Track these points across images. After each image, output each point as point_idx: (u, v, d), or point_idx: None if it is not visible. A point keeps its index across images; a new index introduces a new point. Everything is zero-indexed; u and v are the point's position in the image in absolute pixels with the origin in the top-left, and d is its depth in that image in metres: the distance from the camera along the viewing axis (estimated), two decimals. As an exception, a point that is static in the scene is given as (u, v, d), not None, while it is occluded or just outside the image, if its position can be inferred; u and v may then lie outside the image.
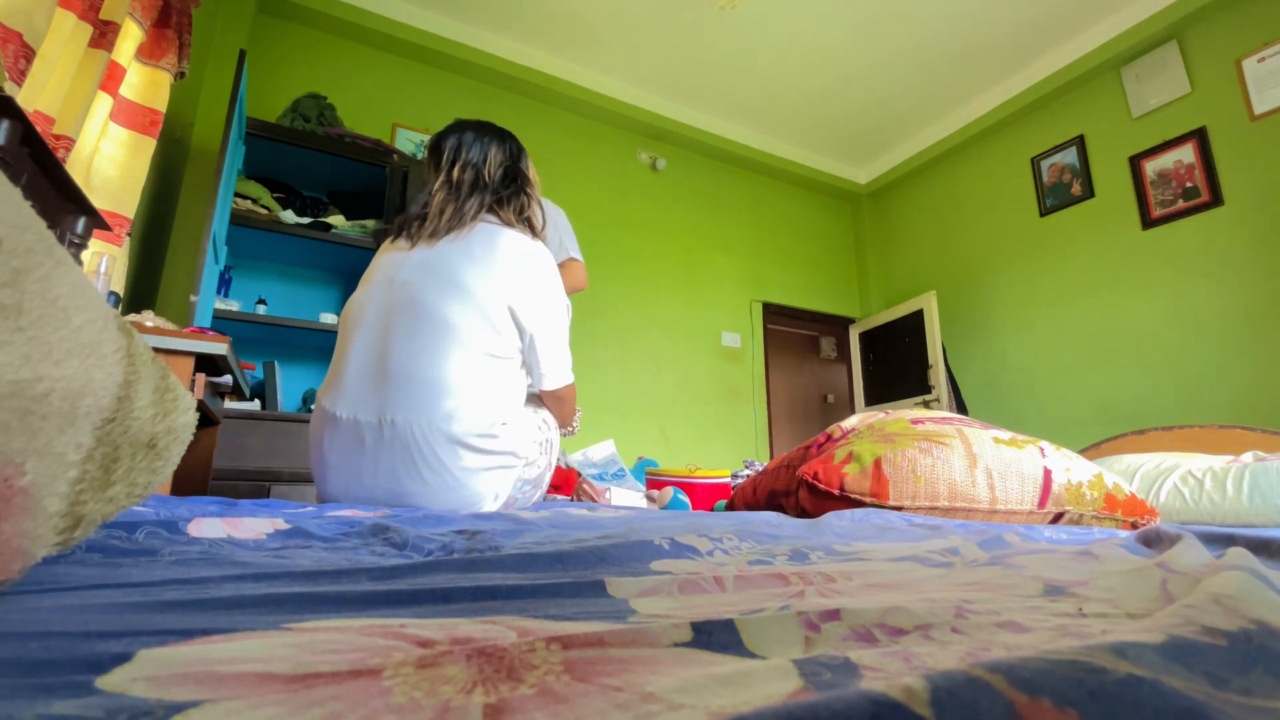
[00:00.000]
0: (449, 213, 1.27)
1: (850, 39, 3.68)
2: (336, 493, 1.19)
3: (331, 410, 1.18)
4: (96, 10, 1.64)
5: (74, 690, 0.22)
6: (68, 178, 1.25)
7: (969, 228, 4.35)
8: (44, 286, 0.33)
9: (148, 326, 1.42)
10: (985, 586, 0.45)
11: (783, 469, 1.36)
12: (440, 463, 1.13)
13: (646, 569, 0.51)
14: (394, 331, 1.17)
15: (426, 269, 1.21)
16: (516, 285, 1.22)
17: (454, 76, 3.67)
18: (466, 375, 1.15)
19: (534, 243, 1.28)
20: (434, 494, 1.14)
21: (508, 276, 1.21)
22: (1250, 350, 2.92)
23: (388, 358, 1.15)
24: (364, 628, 0.31)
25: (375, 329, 1.19)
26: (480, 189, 1.31)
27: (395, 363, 1.15)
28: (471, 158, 1.33)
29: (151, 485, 0.45)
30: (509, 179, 1.34)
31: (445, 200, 1.29)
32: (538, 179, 1.47)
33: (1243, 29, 3.09)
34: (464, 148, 1.35)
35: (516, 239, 1.25)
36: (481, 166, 1.33)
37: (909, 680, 0.18)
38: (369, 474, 1.15)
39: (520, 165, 1.38)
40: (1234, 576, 0.34)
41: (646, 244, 4.13)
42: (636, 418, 3.80)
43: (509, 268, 1.21)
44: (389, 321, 1.18)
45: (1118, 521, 1.15)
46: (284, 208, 2.76)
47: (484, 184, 1.32)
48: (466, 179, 1.31)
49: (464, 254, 1.22)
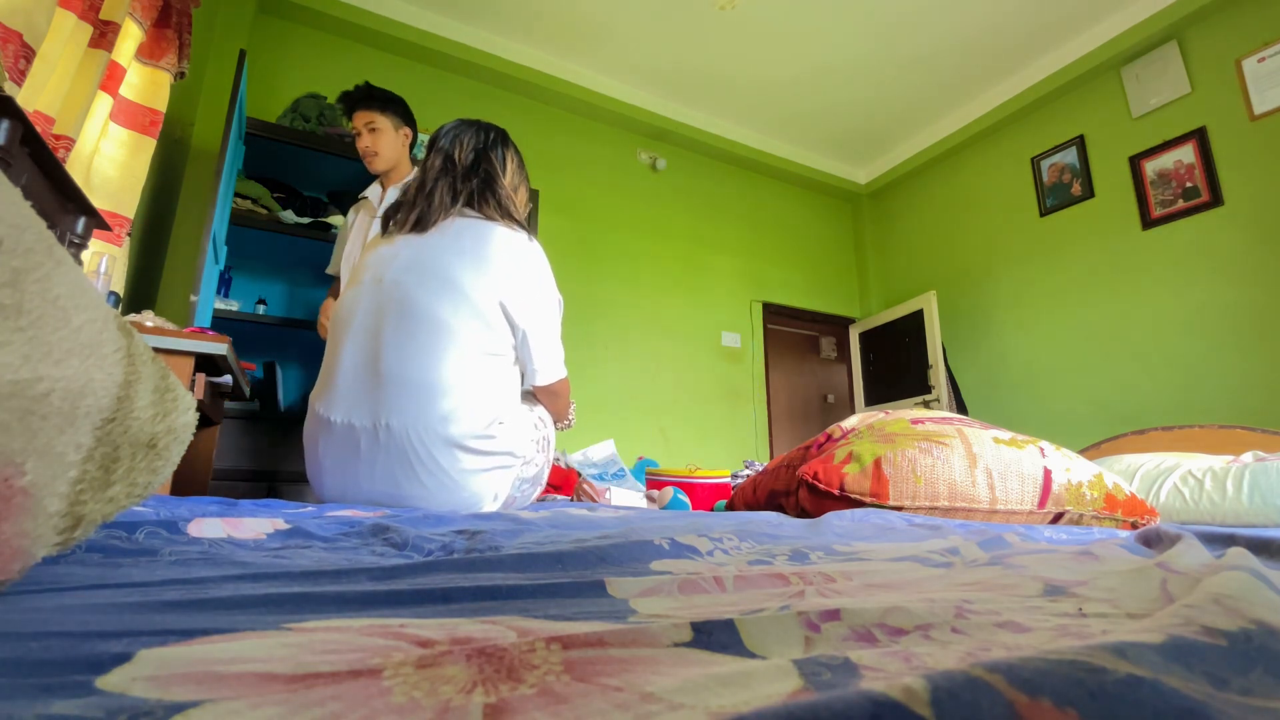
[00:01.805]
0: (418, 198, 1.27)
1: (850, 39, 3.68)
2: (334, 496, 1.19)
3: (325, 415, 1.17)
4: (96, 10, 1.64)
5: (74, 690, 0.22)
6: (67, 178, 1.25)
7: (969, 228, 4.35)
8: (44, 286, 0.33)
9: (148, 326, 1.42)
10: (985, 586, 0.45)
11: (783, 469, 1.36)
12: (438, 465, 1.12)
13: (646, 569, 0.51)
14: (385, 333, 1.16)
15: (416, 267, 1.19)
16: (510, 283, 1.21)
17: (454, 76, 3.67)
18: (463, 375, 1.14)
19: (526, 239, 1.28)
20: (432, 496, 1.14)
21: (501, 274, 1.20)
22: (1250, 350, 2.92)
23: (380, 360, 1.14)
24: (364, 628, 0.31)
25: (366, 330, 1.18)
26: (448, 172, 1.30)
27: (388, 365, 1.13)
28: (444, 144, 1.34)
29: (151, 485, 0.45)
30: (476, 163, 1.34)
31: (416, 186, 1.30)
32: (523, 170, 1.46)
33: (1243, 29, 3.09)
34: (441, 137, 1.36)
35: (509, 236, 1.24)
36: (451, 151, 1.33)
37: (909, 680, 0.18)
38: (365, 478, 1.15)
39: (491, 152, 1.37)
40: (1234, 576, 0.34)
41: (646, 244, 4.13)
42: (636, 418, 3.80)
43: (502, 265, 1.21)
44: (380, 323, 1.17)
45: (1118, 521, 1.15)
46: (284, 208, 2.76)
47: (452, 166, 1.31)
48: (436, 164, 1.32)
49: (454, 250, 1.20)
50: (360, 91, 2.07)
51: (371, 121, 2.05)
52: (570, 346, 1.30)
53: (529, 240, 1.28)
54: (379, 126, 2.05)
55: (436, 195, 1.27)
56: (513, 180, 1.40)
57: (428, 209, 1.26)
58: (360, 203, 2.16)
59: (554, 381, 1.32)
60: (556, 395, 1.37)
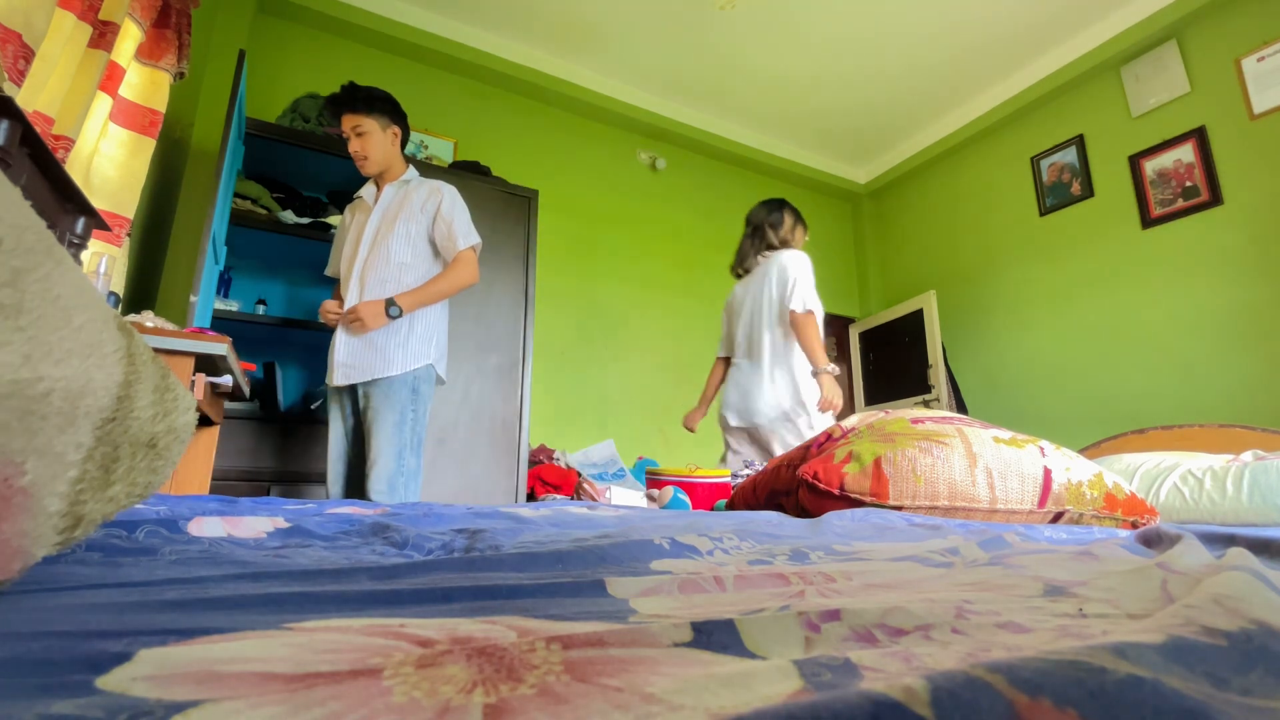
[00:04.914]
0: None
1: (850, 38, 3.68)
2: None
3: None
4: (96, 10, 1.64)
5: (74, 690, 0.22)
6: (67, 178, 1.25)
7: (969, 227, 4.34)
8: (44, 286, 0.33)
9: (148, 327, 1.42)
10: (985, 586, 0.45)
11: (783, 468, 1.36)
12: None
13: (647, 569, 0.51)
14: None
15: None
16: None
17: (454, 76, 3.67)
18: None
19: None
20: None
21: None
22: (1250, 350, 2.92)
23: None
24: (364, 627, 0.31)
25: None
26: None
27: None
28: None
29: (152, 485, 0.45)
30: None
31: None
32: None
33: (1242, 28, 3.09)
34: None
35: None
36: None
37: (909, 680, 0.18)
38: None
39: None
40: (1234, 577, 0.34)
41: (646, 244, 4.13)
42: (636, 418, 3.79)
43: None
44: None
45: (1118, 521, 1.15)
46: (284, 208, 2.76)
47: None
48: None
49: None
50: (344, 93, 2.01)
51: (358, 125, 1.98)
52: (570, 346, 1.31)
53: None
54: (366, 130, 1.99)
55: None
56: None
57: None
58: (355, 203, 2.14)
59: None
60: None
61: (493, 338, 2.72)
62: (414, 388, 1.91)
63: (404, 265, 1.98)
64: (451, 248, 2.00)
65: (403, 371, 1.89)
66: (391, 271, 1.96)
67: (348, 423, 1.97)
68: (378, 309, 1.88)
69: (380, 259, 1.97)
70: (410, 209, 2.01)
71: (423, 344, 1.95)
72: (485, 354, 2.69)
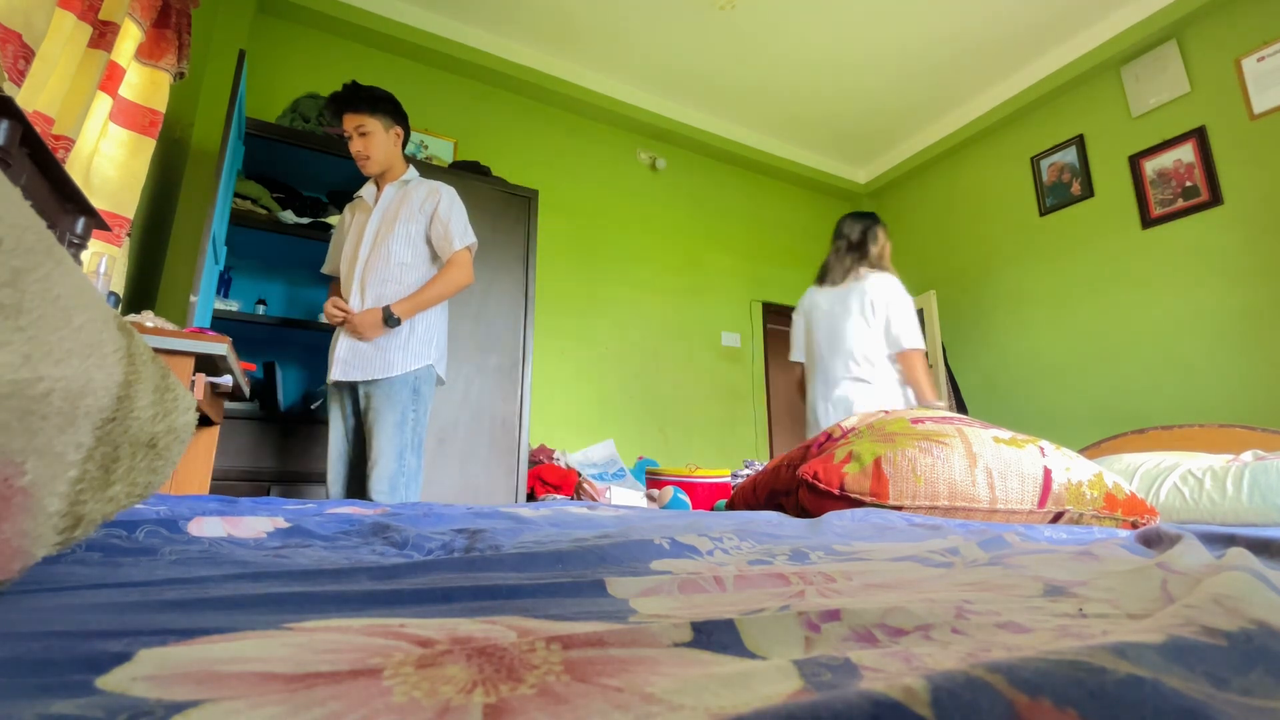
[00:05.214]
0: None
1: (850, 38, 3.68)
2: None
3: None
4: (96, 10, 1.64)
5: (74, 690, 0.22)
6: (67, 178, 1.25)
7: (969, 227, 4.34)
8: (44, 286, 0.33)
9: (148, 327, 1.42)
10: (985, 587, 0.45)
11: (783, 468, 1.36)
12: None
13: (647, 569, 0.51)
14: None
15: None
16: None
17: (454, 76, 3.67)
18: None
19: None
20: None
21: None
22: (1250, 350, 2.92)
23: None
24: (364, 627, 0.31)
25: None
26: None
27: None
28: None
29: (152, 485, 0.45)
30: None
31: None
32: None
33: (1242, 28, 3.09)
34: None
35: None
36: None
37: (909, 680, 0.18)
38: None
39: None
40: (1234, 577, 0.34)
41: (646, 244, 4.13)
42: (636, 418, 3.79)
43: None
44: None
45: (1118, 521, 1.15)
46: (284, 208, 2.76)
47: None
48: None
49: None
50: (347, 92, 2.01)
51: (361, 125, 1.99)
52: (571, 346, 1.31)
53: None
54: (369, 129, 1.99)
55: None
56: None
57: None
58: (355, 202, 2.15)
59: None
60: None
61: (493, 338, 2.72)
62: (415, 388, 1.91)
63: (404, 265, 1.98)
64: (446, 248, 2.00)
65: (404, 372, 1.90)
66: (392, 271, 1.96)
67: (348, 423, 1.98)
68: (375, 319, 1.88)
69: (381, 259, 1.97)
70: (410, 209, 2.01)
71: (423, 345, 1.96)
72: (485, 354, 2.69)
